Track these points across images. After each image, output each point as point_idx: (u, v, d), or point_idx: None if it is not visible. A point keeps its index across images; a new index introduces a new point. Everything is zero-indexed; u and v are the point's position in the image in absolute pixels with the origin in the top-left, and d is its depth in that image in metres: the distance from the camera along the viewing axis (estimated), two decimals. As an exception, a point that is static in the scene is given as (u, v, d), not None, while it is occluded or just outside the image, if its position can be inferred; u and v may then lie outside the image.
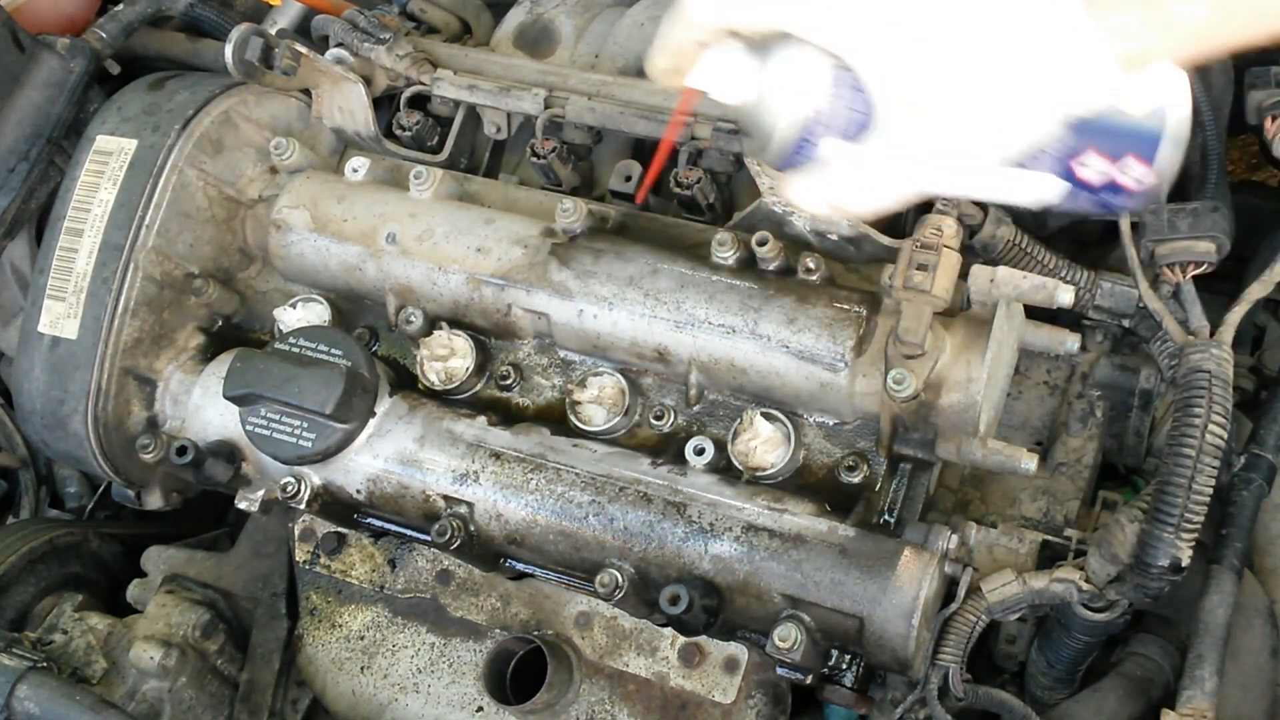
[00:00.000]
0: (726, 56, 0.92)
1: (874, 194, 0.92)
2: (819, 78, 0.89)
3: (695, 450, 1.41)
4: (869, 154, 0.89)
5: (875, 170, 0.90)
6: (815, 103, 0.89)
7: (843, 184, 0.92)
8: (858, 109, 0.89)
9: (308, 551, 1.60)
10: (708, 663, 1.43)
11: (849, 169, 0.91)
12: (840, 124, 0.90)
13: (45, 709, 1.35)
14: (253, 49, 1.56)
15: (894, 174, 0.91)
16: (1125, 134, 0.93)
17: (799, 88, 0.89)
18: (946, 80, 0.84)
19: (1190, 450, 1.22)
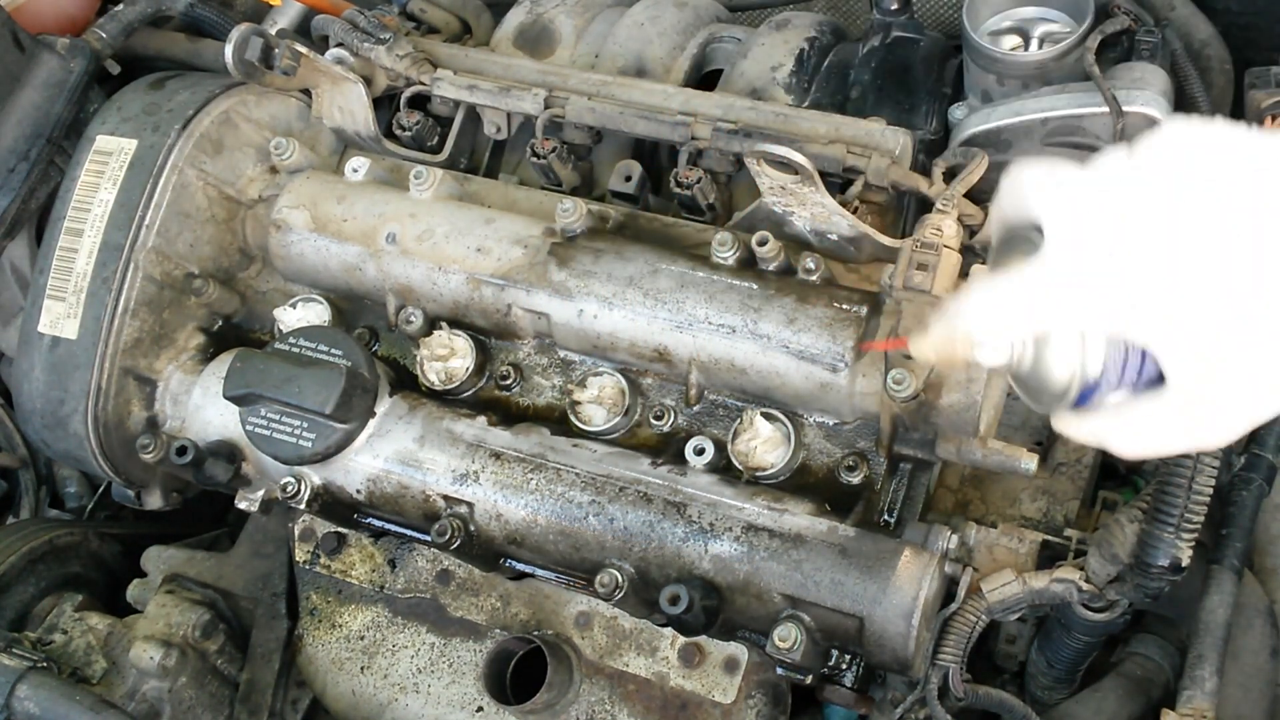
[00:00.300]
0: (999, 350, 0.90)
1: (1154, 445, 0.90)
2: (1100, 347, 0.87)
3: (695, 450, 1.41)
4: (1159, 413, 0.87)
5: (1160, 427, 0.88)
6: (1099, 367, 0.87)
7: (1126, 434, 0.90)
8: (1141, 366, 0.87)
9: (308, 551, 1.60)
10: (708, 663, 1.43)
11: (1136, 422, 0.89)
12: (1128, 379, 0.88)
13: (45, 709, 1.35)
14: (253, 49, 1.56)
15: (1178, 431, 0.88)
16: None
17: (1083, 363, 0.87)
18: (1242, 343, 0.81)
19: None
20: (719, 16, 1.85)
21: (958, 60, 1.61)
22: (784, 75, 1.66)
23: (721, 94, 1.64)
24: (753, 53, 1.69)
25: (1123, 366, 0.87)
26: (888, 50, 1.63)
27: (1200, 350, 0.83)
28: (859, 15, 2.05)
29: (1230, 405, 0.85)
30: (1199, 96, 1.50)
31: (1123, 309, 0.83)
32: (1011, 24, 1.57)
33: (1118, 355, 0.87)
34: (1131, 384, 0.88)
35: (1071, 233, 0.85)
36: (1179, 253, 0.81)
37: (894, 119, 1.55)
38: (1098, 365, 0.87)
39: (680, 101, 1.61)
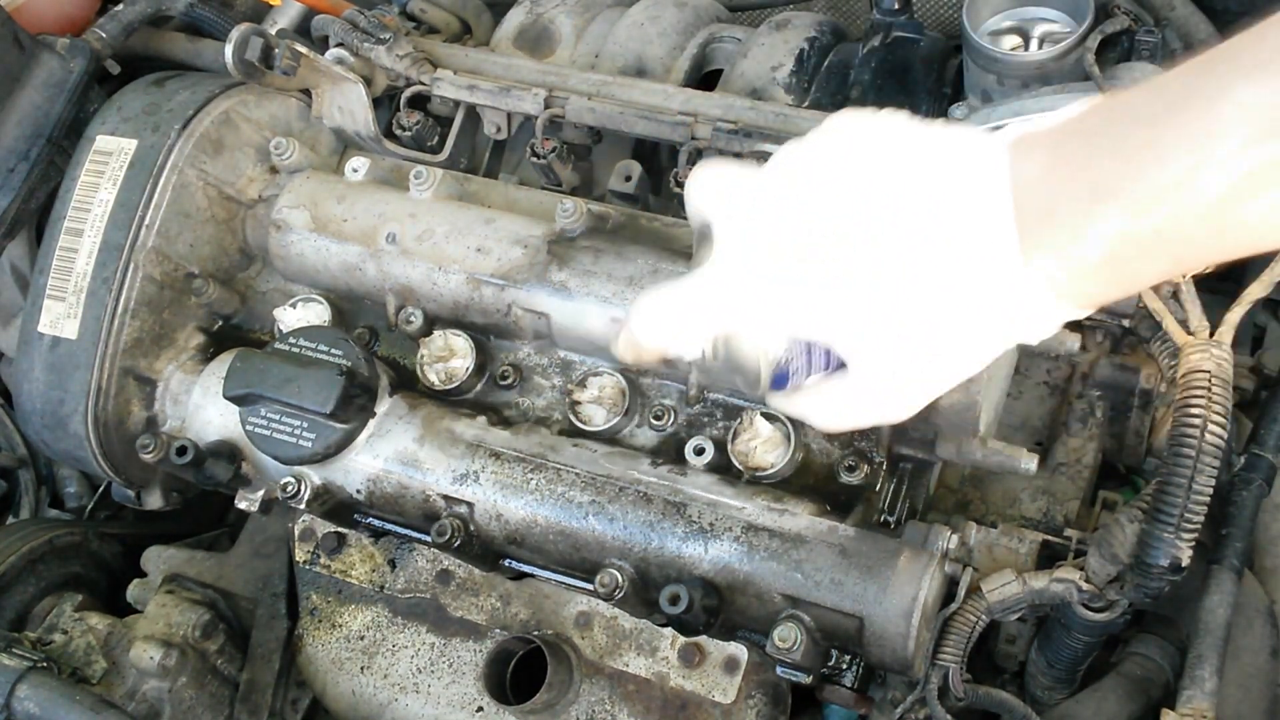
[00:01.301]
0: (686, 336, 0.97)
1: (847, 419, 0.98)
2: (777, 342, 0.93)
3: (695, 450, 1.41)
4: (841, 390, 0.95)
5: (847, 403, 0.96)
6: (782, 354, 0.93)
7: (820, 409, 0.98)
8: (824, 354, 0.94)
9: (308, 551, 1.60)
10: (708, 663, 1.43)
11: (830, 395, 0.96)
12: (811, 366, 0.95)
13: (45, 709, 1.35)
14: (253, 49, 1.56)
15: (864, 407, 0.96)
16: None
17: (759, 350, 0.93)
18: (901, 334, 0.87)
19: (1190, 450, 1.22)
20: (719, 16, 1.86)
21: (958, 60, 1.61)
22: (784, 75, 1.66)
23: (721, 94, 1.64)
24: (753, 53, 1.69)
25: (807, 354, 0.93)
26: (888, 50, 1.63)
27: (865, 339, 0.88)
28: (859, 15, 2.06)
29: (907, 383, 0.91)
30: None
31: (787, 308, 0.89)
32: (1011, 24, 1.57)
33: (800, 344, 0.93)
34: (822, 368, 0.94)
35: (734, 236, 0.91)
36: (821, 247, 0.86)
37: (894, 119, 1.55)
38: (781, 353, 0.93)
39: (680, 101, 1.61)
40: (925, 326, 0.86)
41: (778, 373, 0.94)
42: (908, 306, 0.86)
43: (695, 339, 0.96)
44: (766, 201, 0.90)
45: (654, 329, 0.97)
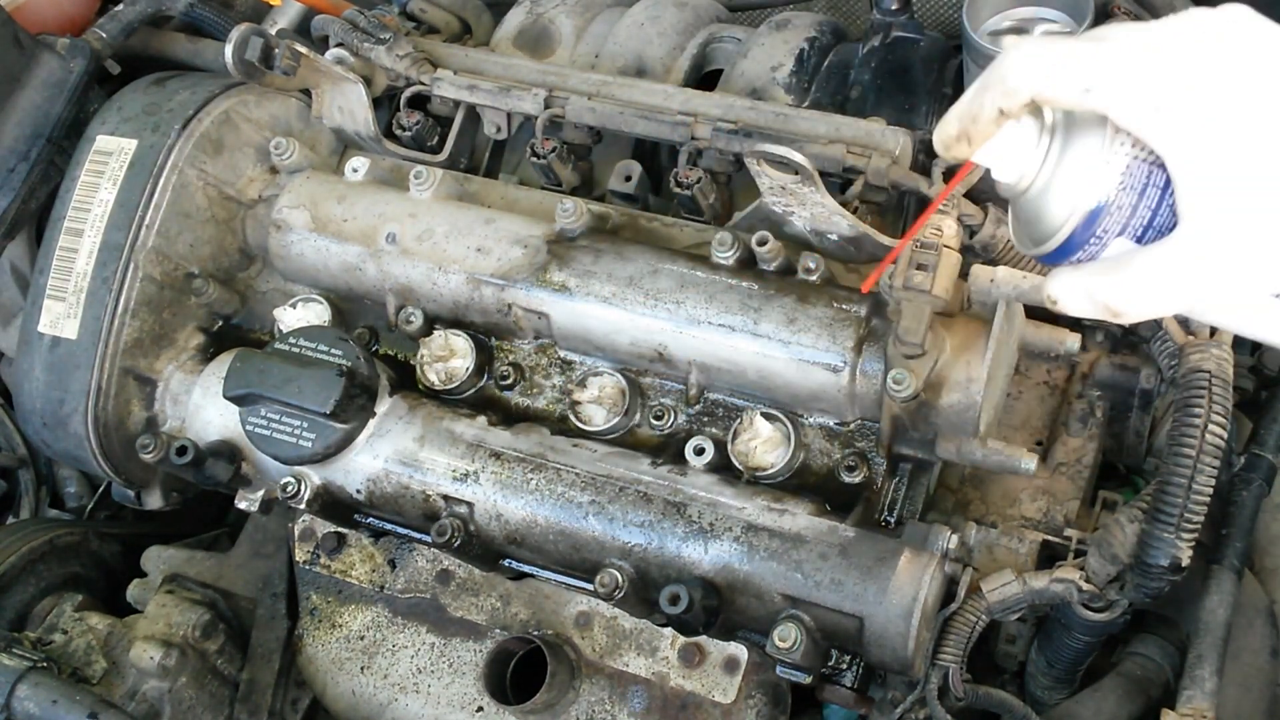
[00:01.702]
0: (1023, 134, 0.86)
1: (1157, 302, 0.84)
2: (1119, 167, 0.82)
3: (695, 450, 1.41)
4: (1167, 259, 0.82)
5: (1167, 278, 0.82)
6: (1110, 193, 0.82)
7: (1128, 287, 0.84)
8: (1156, 209, 0.82)
9: (308, 551, 1.60)
10: (708, 663, 1.43)
11: (1140, 271, 0.83)
12: (1135, 222, 0.83)
13: (45, 709, 1.35)
14: (253, 49, 1.56)
15: (1186, 286, 0.82)
16: None
17: (1098, 174, 0.82)
18: (1267, 193, 0.78)
19: (1190, 450, 1.22)
20: (719, 16, 1.85)
21: (958, 60, 1.61)
22: (784, 75, 1.66)
23: (721, 94, 1.64)
24: (753, 53, 1.69)
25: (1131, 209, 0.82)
26: (888, 50, 1.63)
27: (1223, 186, 0.78)
28: (859, 15, 2.06)
29: (1242, 261, 0.80)
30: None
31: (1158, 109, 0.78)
32: (1011, 24, 1.57)
33: (1129, 189, 0.82)
34: (1137, 232, 0.83)
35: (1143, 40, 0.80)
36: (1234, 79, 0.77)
37: (894, 119, 1.55)
38: (1107, 188, 0.82)
39: (680, 101, 1.61)
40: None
41: (1078, 232, 0.83)
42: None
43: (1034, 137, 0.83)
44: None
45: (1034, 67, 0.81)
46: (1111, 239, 0.84)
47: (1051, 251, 0.86)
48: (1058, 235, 0.85)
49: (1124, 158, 0.82)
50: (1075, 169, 0.84)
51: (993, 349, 1.30)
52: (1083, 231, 0.84)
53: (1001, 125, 0.85)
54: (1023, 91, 0.83)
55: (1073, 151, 0.84)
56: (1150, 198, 0.82)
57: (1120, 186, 0.82)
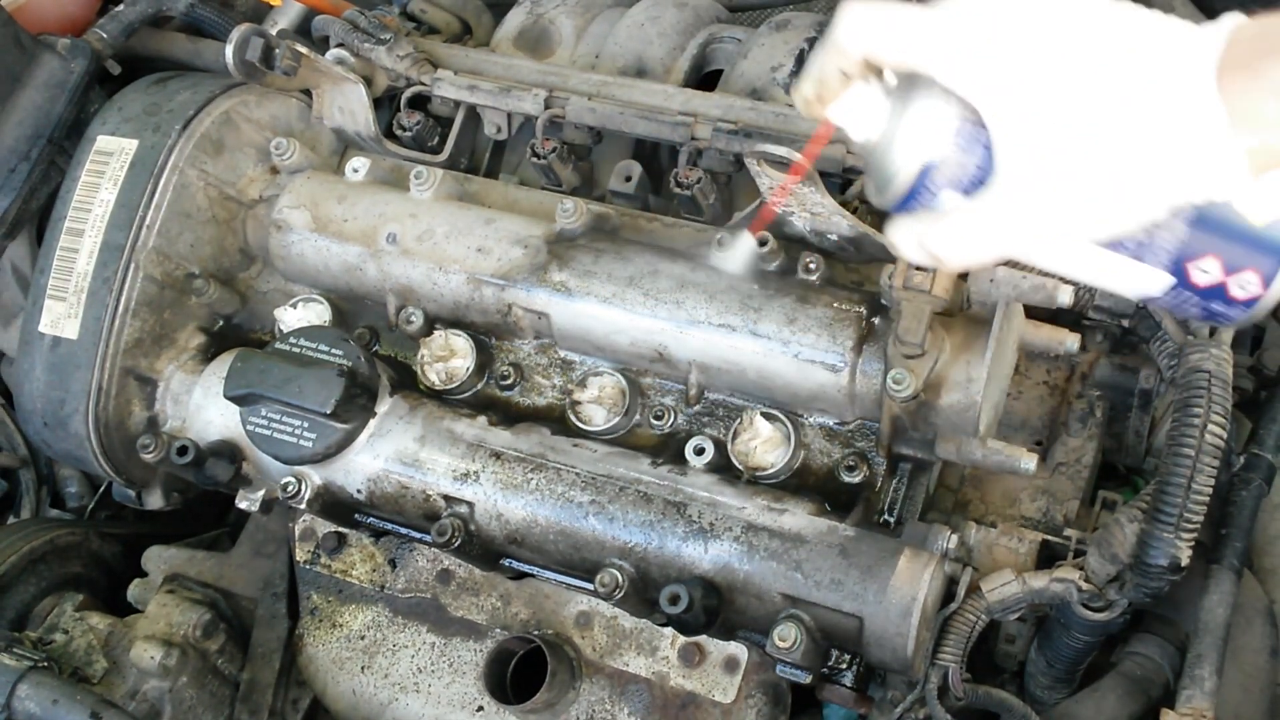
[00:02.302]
0: (867, 93, 0.94)
1: (975, 250, 0.92)
2: (950, 126, 0.90)
3: (695, 450, 1.41)
4: (983, 209, 0.89)
5: (983, 227, 0.90)
6: (941, 150, 0.90)
7: (948, 235, 0.92)
8: (981, 164, 0.89)
9: (308, 551, 1.61)
10: (708, 662, 1.43)
11: (960, 222, 0.91)
12: (961, 176, 0.90)
13: (46, 708, 1.35)
14: (253, 49, 1.56)
15: (1000, 234, 0.90)
16: (1251, 245, 0.90)
17: (929, 133, 0.90)
18: (1071, 144, 0.84)
19: (1190, 450, 1.22)
20: (719, 17, 1.86)
21: (957, 60, 1.61)
22: (784, 75, 1.66)
23: (721, 94, 1.64)
24: (753, 53, 1.70)
25: (958, 163, 0.90)
26: (887, 50, 1.63)
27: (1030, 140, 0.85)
28: (859, 15, 2.05)
29: (1050, 211, 0.87)
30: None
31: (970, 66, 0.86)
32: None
33: (956, 145, 0.89)
34: (964, 185, 0.90)
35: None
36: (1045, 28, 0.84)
37: (894, 119, 1.55)
38: (937, 144, 0.90)
39: (680, 102, 1.61)
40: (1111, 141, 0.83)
41: (914, 186, 0.91)
42: (1103, 113, 0.83)
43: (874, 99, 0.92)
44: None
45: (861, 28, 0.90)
46: (942, 191, 0.91)
47: (894, 203, 0.94)
48: (896, 187, 0.93)
49: (953, 116, 0.89)
50: (911, 126, 0.91)
51: (992, 349, 1.30)
52: (918, 185, 0.92)
53: (847, 85, 0.93)
54: (854, 51, 0.91)
55: (909, 110, 0.91)
56: (975, 154, 0.89)
57: (950, 143, 0.90)
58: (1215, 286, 0.93)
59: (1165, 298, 0.95)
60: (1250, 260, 0.91)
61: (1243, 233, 0.90)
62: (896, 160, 0.92)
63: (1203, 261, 0.92)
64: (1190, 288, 0.94)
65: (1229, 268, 0.92)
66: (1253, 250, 0.91)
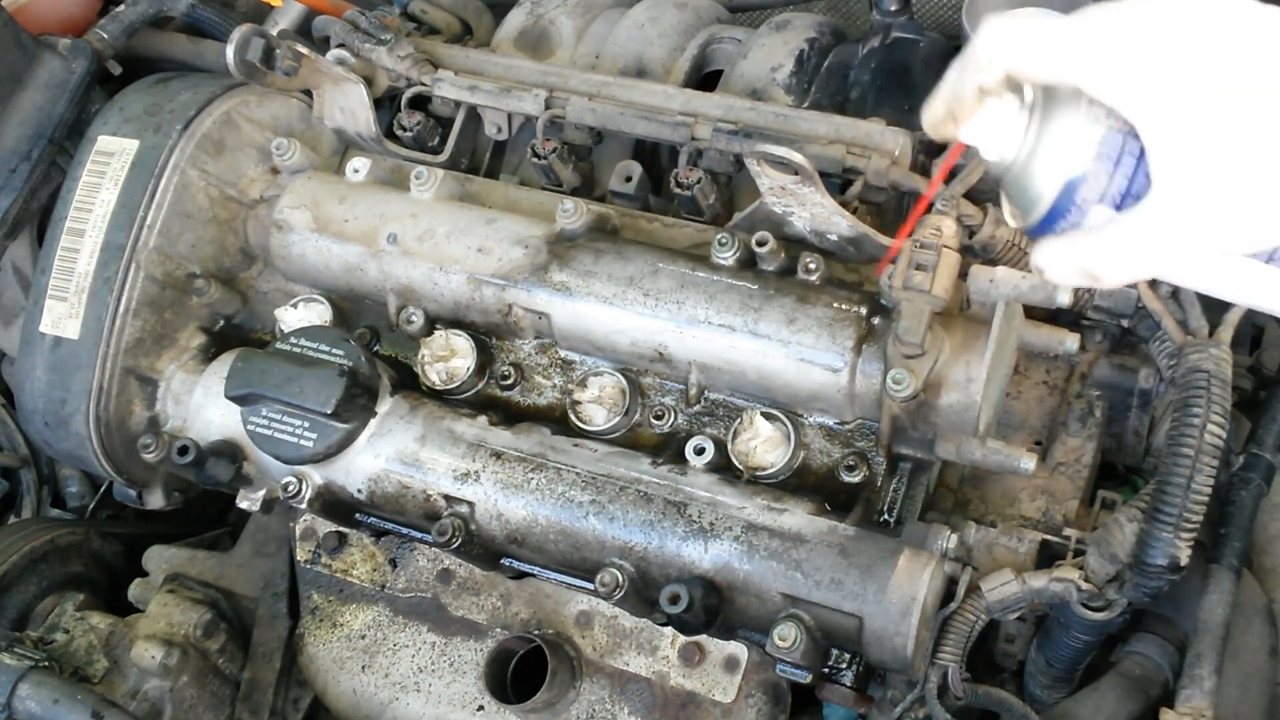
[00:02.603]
0: (1004, 110, 0.89)
1: (1133, 265, 0.87)
2: (1095, 138, 0.86)
3: (695, 450, 1.41)
4: (1140, 222, 0.85)
5: (1142, 240, 0.85)
6: (1086, 164, 0.86)
7: (1104, 251, 0.87)
8: (1132, 176, 0.86)
9: (309, 551, 1.61)
10: (708, 662, 1.44)
11: (1115, 239, 0.86)
12: (1112, 190, 0.86)
13: (46, 708, 1.36)
14: (254, 50, 1.57)
15: (1161, 247, 0.85)
16: None
17: (1074, 146, 0.86)
18: (1233, 150, 0.81)
19: (1189, 450, 1.22)
20: (719, 17, 1.86)
21: (957, 61, 1.61)
22: (784, 76, 1.66)
23: (721, 94, 1.64)
24: (753, 53, 1.70)
25: (1108, 176, 0.86)
26: (887, 51, 1.63)
27: (1190, 151, 0.82)
28: (859, 16, 2.06)
29: (1209, 224, 0.83)
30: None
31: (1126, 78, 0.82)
32: (1011, 25, 1.57)
33: (1105, 158, 0.86)
34: (1115, 200, 0.87)
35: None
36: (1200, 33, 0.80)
37: (894, 119, 1.55)
38: (1084, 158, 0.86)
39: (680, 102, 1.61)
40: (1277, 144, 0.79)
41: (1058, 203, 0.87)
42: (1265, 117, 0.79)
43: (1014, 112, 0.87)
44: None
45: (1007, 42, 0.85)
46: (1091, 207, 0.87)
47: (1037, 223, 0.90)
48: (1040, 206, 0.89)
49: (1100, 128, 0.85)
50: (1054, 142, 0.87)
51: (992, 349, 1.30)
52: (1063, 202, 0.87)
53: (982, 102, 0.89)
54: (997, 66, 0.87)
55: (1052, 125, 0.87)
56: (1126, 166, 0.85)
57: (1097, 156, 0.86)
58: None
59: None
60: None
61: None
62: (1040, 177, 0.87)
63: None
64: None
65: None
66: None
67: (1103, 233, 0.87)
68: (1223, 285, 0.91)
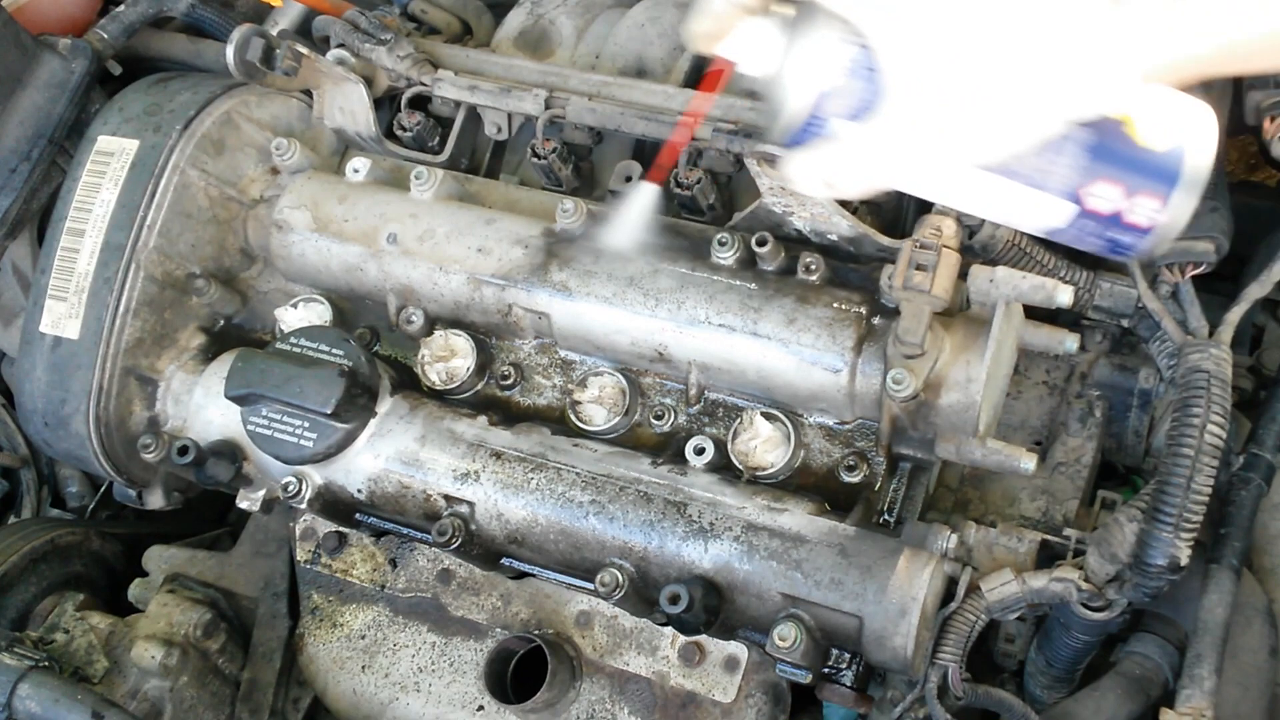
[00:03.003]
0: (759, 28, 0.95)
1: (866, 176, 0.94)
2: (838, 56, 0.90)
3: (695, 450, 1.41)
4: (872, 134, 0.90)
5: (873, 152, 0.91)
6: (830, 80, 0.91)
7: (840, 163, 0.93)
8: (869, 89, 0.90)
9: (309, 551, 1.61)
10: (708, 662, 1.44)
11: (850, 149, 0.92)
12: (850, 104, 0.91)
13: (47, 708, 1.36)
14: (254, 50, 1.57)
15: (892, 157, 0.92)
16: (1143, 168, 0.91)
17: (818, 64, 0.91)
18: (958, 60, 0.85)
19: (1189, 450, 1.22)
20: (719, 17, 1.85)
21: (957, 61, 1.61)
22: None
23: (721, 94, 1.64)
24: (753, 53, 1.70)
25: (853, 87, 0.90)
26: (887, 51, 1.63)
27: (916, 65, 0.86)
28: (859, 16, 2.05)
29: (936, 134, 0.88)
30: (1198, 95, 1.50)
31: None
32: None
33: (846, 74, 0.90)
34: (856, 113, 0.91)
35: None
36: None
37: (893, 119, 1.55)
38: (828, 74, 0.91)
39: (681, 102, 1.61)
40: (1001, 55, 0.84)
41: (807, 118, 0.92)
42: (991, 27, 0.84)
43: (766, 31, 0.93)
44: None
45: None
46: (834, 121, 0.92)
47: (791, 137, 0.95)
48: (794, 120, 0.94)
49: (844, 45, 0.91)
50: (804, 58, 0.93)
51: (992, 349, 1.30)
52: (811, 116, 0.93)
53: (740, 19, 0.95)
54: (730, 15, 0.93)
55: (802, 42, 0.93)
56: (863, 80, 0.90)
57: (841, 72, 0.91)
58: (1114, 214, 0.93)
59: (1068, 230, 0.95)
60: (1148, 184, 0.92)
61: (1139, 156, 0.91)
62: (790, 92, 0.93)
63: (1100, 187, 0.92)
64: (1090, 216, 0.94)
65: (1128, 192, 0.92)
66: (1150, 174, 0.91)
67: (837, 143, 0.93)
68: (968, 200, 0.96)
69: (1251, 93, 1.45)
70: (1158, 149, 0.91)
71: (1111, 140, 0.91)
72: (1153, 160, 0.91)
